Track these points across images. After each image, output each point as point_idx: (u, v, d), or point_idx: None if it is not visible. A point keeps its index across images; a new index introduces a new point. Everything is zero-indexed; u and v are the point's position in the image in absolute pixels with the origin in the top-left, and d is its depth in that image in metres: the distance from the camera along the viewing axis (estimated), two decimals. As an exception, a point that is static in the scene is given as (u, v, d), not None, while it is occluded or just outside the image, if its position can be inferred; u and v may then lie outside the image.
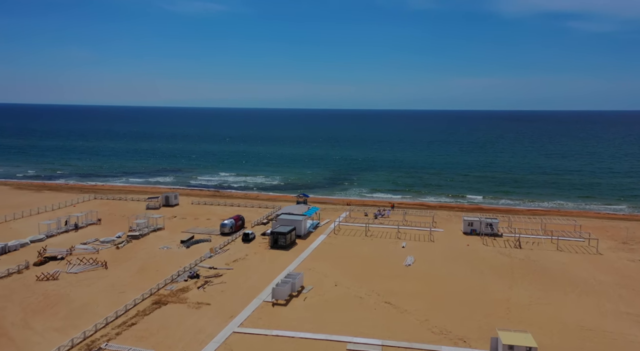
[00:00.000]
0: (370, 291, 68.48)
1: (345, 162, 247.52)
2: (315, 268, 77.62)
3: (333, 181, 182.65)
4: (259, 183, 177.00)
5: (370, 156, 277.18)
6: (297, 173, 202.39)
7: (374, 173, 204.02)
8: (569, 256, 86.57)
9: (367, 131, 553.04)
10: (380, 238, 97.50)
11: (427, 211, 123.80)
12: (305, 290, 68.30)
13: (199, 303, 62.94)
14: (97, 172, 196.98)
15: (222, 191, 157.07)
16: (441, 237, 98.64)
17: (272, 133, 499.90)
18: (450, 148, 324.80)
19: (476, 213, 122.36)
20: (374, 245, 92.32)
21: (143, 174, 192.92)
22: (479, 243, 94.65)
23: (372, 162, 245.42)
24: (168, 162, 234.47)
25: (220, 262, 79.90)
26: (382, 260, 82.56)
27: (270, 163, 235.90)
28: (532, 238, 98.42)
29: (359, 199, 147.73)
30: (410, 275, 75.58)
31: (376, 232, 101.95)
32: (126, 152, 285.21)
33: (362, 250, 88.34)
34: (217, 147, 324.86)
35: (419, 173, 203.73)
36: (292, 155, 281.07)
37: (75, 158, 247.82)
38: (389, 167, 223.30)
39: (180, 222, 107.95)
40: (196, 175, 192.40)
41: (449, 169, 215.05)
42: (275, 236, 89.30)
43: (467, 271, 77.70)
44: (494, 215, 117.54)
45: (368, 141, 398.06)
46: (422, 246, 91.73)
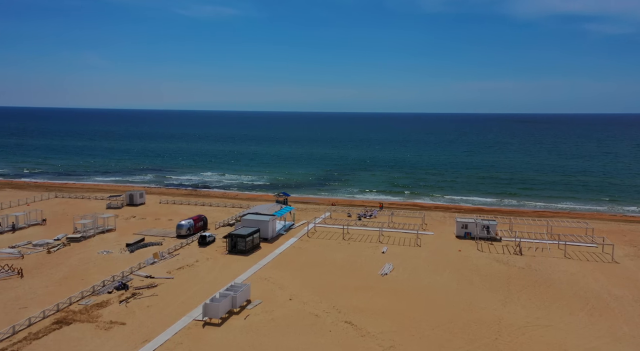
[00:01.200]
0: (331, 307, 55.89)
1: (343, 161, 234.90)
2: (272, 278, 65.21)
3: (325, 180, 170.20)
4: (244, 182, 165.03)
5: (371, 156, 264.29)
6: (288, 172, 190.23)
7: (371, 173, 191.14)
8: (579, 265, 73.16)
9: (372, 132, 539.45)
10: (360, 242, 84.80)
11: (419, 212, 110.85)
12: (251, 305, 55.88)
13: (111, 322, 50.76)
14: (74, 171, 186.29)
15: (200, 190, 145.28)
16: (430, 241, 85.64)
17: (274, 134, 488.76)
18: (456, 149, 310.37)
19: (475, 214, 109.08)
20: (350, 250, 79.67)
21: (122, 173, 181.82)
22: (473, 248, 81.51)
23: (371, 162, 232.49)
24: (153, 161, 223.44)
25: (162, 270, 67.80)
26: (354, 268, 69.93)
27: (262, 163, 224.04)
28: (535, 243, 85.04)
29: (347, 199, 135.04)
30: (384, 286, 62.84)
31: (356, 235, 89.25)
32: (113, 151, 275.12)
33: (334, 256, 75.75)
34: (211, 147, 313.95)
35: (419, 173, 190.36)
36: (288, 154, 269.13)
37: (57, 157, 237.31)
38: (388, 167, 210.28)
39: (137, 223, 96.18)
40: (179, 174, 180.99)
41: (452, 169, 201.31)
42: (233, 239, 77.03)
43: (453, 282, 64.74)
44: (495, 217, 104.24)
45: (371, 142, 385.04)
46: (405, 251, 78.87)
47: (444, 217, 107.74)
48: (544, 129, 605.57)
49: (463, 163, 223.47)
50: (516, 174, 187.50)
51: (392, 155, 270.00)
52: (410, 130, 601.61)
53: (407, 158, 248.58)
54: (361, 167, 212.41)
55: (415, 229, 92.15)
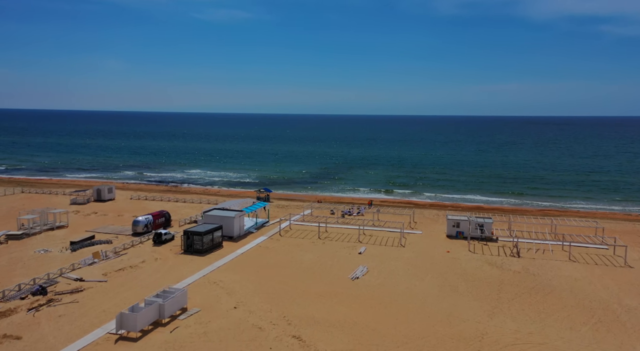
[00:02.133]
0: (281, 317, 46.50)
1: (342, 159, 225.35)
2: (222, 282, 55.97)
3: (318, 178, 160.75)
4: (232, 179, 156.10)
5: (372, 154, 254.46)
6: (281, 170, 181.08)
7: (369, 171, 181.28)
8: (585, 269, 62.91)
9: (380, 133, 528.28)
10: (337, 241, 75.26)
11: (411, 210, 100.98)
12: (185, 315, 46.66)
13: (4, 336, 41.83)
14: (56, 167, 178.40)
15: (182, 186, 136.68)
16: (416, 241, 75.80)
17: (277, 134, 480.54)
18: (464, 148, 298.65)
19: (473, 213, 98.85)
20: (323, 250, 70.18)
21: (106, 170, 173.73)
22: (464, 249, 71.52)
23: (372, 160, 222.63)
24: (142, 159, 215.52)
25: (99, 271, 58.88)
26: (322, 271, 60.44)
27: (257, 161, 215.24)
28: (536, 243, 74.77)
29: (337, 196, 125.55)
30: (352, 292, 53.29)
31: (334, 234, 79.71)
32: (105, 149, 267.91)
33: (303, 257, 66.31)
34: (208, 145, 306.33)
35: (421, 171, 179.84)
36: (286, 153, 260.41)
37: (44, 154, 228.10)
38: (389, 165, 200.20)
39: (96, 219, 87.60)
40: (165, 171, 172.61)
41: (457, 168, 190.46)
42: (189, 237, 67.93)
43: (434, 289, 54.95)
44: (493, 215, 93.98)
45: (376, 141, 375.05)
46: (386, 252, 69.17)
47: (437, 215, 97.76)
48: (556, 131, 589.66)
49: (469, 162, 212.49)
50: (524, 173, 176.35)
51: (395, 153, 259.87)
52: (418, 130, 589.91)
53: (410, 157, 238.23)
54: (360, 164, 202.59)
55: (402, 228, 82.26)
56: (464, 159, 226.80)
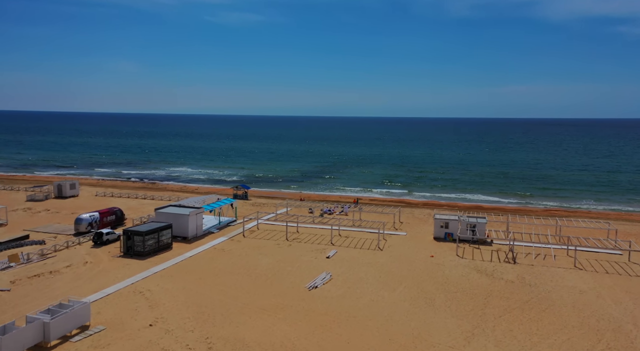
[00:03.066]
0: (202, 339, 36.91)
1: (340, 158, 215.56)
2: (150, 292, 46.55)
3: (310, 176, 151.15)
4: (218, 177, 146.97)
5: (374, 153, 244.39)
6: (273, 168, 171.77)
7: (366, 169, 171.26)
8: (593, 278, 52.47)
9: (386, 133, 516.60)
10: (306, 243, 65.52)
11: (401, 209, 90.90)
12: (81, 336, 37.24)
13: None
14: (33, 164, 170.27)
15: (160, 183, 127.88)
16: (397, 244, 65.78)
17: (281, 133, 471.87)
18: (472, 148, 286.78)
19: (468, 212, 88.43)
20: (287, 253, 60.50)
21: (85, 166, 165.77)
22: (451, 253, 61.35)
23: (373, 159, 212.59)
24: (128, 156, 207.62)
25: (7, 278, 49.75)
26: (277, 279, 50.78)
27: (251, 159, 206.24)
28: (537, 247, 64.30)
29: (323, 194, 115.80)
30: (304, 306, 43.59)
31: (306, 235, 69.98)
32: (92, 146, 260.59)
33: (261, 262, 56.69)
34: (205, 144, 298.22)
35: (421, 169, 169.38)
36: (283, 151, 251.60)
37: (26, 151, 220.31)
38: (389, 164, 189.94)
39: (45, 217, 78.78)
40: (148, 168, 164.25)
41: (461, 166, 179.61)
42: (129, 238, 58.60)
43: (405, 302, 45.02)
44: (491, 215, 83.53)
45: (383, 140, 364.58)
46: (359, 257, 59.29)
47: (429, 215, 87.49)
48: (570, 132, 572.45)
49: (475, 161, 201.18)
50: (533, 172, 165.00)
51: (397, 152, 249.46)
52: (426, 131, 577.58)
53: (412, 156, 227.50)
54: (358, 163, 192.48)
55: (386, 229, 72.27)
56: (469, 158, 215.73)
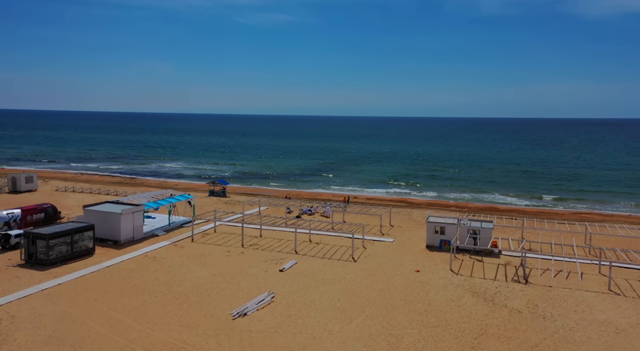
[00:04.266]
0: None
1: (350, 154, 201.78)
2: (11, 319, 34.32)
3: (311, 172, 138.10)
4: (207, 173, 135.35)
5: (388, 150, 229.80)
6: (272, 164, 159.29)
7: (375, 166, 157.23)
8: (636, 309, 37.91)
9: (410, 131, 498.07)
10: (265, 250, 52.57)
11: (398, 209, 77.15)
12: None
13: None
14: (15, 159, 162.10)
15: (138, 178, 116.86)
16: (378, 253, 52.19)
17: (295, 131, 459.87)
18: (499, 146, 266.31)
19: (480, 216, 74.07)
20: (234, 264, 47.70)
21: (70, 160, 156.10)
22: (444, 268, 47.42)
23: (386, 156, 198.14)
24: (126, 151, 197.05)
25: None
26: (201, 301, 37.98)
27: (252, 155, 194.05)
28: (558, 261, 49.70)
29: (315, 191, 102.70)
30: (212, 346, 30.61)
31: (269, 241, 57.03)
32: (89, 141, 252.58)
33: (193, 276, 44.00)
34: (212, 140, 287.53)
35: (439, 167, 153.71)
36: (292, 147, 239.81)
37: (20, 146, 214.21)
38: (404, 161, 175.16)
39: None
40: (140, 163, 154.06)
41: (485, 164, 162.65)
42: (33, 242, 46.71)
43: (359, 341, 31.53)
44: (508, 218, 68.89)
45: (404, 137, 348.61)
46: (324, 270, 46.03)
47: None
48: (609, 131, 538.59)
49: (501, 159, 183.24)
50: (565, 170, 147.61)
51: (416, 149, 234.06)
52: (452, 129, 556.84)
53: (431, 153, 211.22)
54: (370, 160, 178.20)
55: (372, 233, 58.81)
56: (493, 156, 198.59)
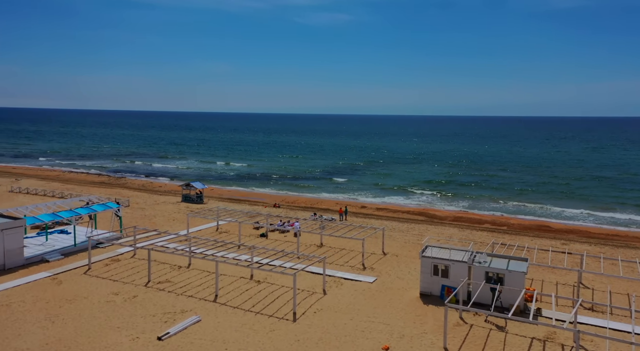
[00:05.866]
0: None
1: (383, 154, 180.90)
2: None
3: (326, 174, 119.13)
4: (211, 172, 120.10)
5: (432, 149, 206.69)
6: (292, 163, 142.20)
7: (410, 167, 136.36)
8: None
9: (466, 129, 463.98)
10: (172, 293, 34.98)
11: (412, 225, 57.67)
12: None
13: None
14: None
15: (125, 177, 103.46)
16: (340, 305, 33.21)
17: (339, 129, 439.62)
18: (570, 145, 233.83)
19: (524, 238, 53.21)
20: (101, 319, 30.48)
21: (68, 158, 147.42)
22: (437, 339, 27.82)
23: (426, 155, 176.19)
24: (137, 149, 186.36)
25: None
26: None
27: (278, 153, 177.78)
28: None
29: (315, 197, 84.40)
30: None
31: (193, 275, 39.42)
32: (102, 137, 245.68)
33: (9, 346, 27.12)
34: (236, 137, 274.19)
35: (485, 170, 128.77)
36: (326, 145, 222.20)
37: (29, 142, 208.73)
38: (444, 161, 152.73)
39: None
40: (143, 159, 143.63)
41: (546, 168, 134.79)
42: None
43: None
44: (557, 251, 47.59)
45: (455, 136, 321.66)
46: (234, 338, 27.80)
47: (450, 236, 53.38)
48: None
49: (567, 162, 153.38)
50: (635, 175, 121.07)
51: (463, 149, 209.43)
52: (515, 128, 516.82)
53: (481, 153, 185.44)
54: (405, 160, 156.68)
55: (348, 266, 39.99)
56: (557, 157, 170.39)
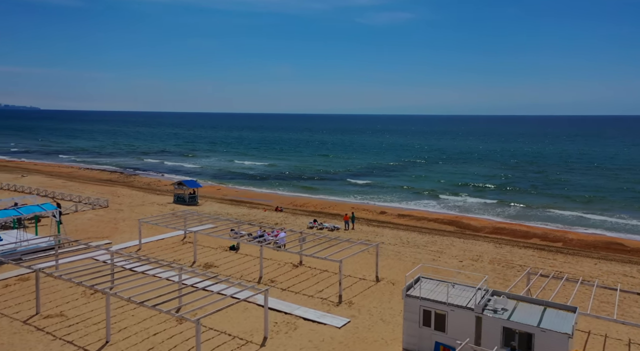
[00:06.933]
0: None
1: (432, 152, 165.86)
2: None
3: (363, 175, 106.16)
4: (234, 169, 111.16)
5: (488, 148, 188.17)
6: (324, 163, 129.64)
7: (457, 167, 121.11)
8: None
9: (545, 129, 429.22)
10: (46, 336, 24.71)
11: (439, 237, 44.65)
12: None
13: None
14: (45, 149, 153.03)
15: (139, 175, 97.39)
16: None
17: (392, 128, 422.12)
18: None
19: (585, 260, 38.96)
20: None
21: (86, 155, 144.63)
22: None
23: (479, 153, 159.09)
24: (169, 146, 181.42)
25: None
26: None
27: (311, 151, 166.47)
28: None
29: (328, 200, 72.48)
30: None
31: (97, 306, 28.93)
32: (137, 134, 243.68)
33: None
34: (282, 136, 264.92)
35: (544, 172, 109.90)
36: (370, 144, 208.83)
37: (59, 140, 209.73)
38: (499, 161, 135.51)
39: None
40: (165, 158, 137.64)
41: (630, 168, 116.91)
42: None
43: None
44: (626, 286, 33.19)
45: (523, 136, 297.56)
46: None
47: (478, 255, 40.00)
48: None
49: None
50: None
51: (524, 148, 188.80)
52: (596, 126, 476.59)
53: (546, 153, 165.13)
54: (448, 160, 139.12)
55: (318, 299, 28.06)
56: (631, 156, 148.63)
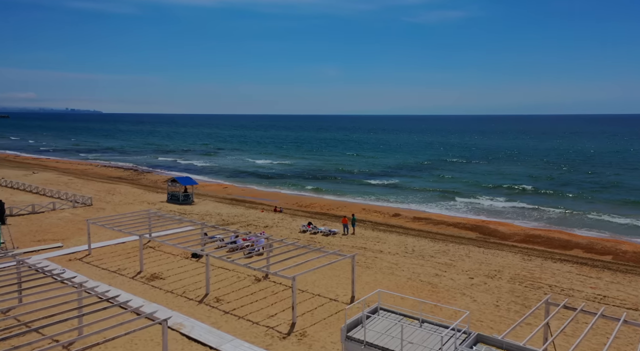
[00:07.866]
0: None
1: (472, 151, 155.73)
2: None
3: (382, 172, 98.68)
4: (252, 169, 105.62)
5: (527, 146, 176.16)
6: (350, 162, 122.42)
7: (486, 168, 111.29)
8: None
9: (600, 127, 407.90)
10: None
11: (458, 246, 37.25)
12: None
13: None
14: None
15: (153, 172, 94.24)
16: None
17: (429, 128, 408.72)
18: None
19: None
20: None
21: (104, 151, 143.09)
22: None
23: (515, 153, 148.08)
24: (192, 145, 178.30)
25: None
26: None
27: (348, 150, 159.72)
28: None
29: (338, 200, 65.57)
30: None
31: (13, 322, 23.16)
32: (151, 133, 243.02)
33: None
34: (308, 134, 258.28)
35: (596, 174, 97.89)
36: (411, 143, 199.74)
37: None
38: (547, 161, 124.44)
39: None
40: (181, 156, 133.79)
41: None
42: None
43: None
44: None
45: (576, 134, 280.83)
46: None
47: (498, 271, 32.26)
48: None
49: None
50: None
51: (574, 146, 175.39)
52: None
53: (597, 152, 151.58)
54: (486, 158, 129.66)
55: (262, 337, 21.47)
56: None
